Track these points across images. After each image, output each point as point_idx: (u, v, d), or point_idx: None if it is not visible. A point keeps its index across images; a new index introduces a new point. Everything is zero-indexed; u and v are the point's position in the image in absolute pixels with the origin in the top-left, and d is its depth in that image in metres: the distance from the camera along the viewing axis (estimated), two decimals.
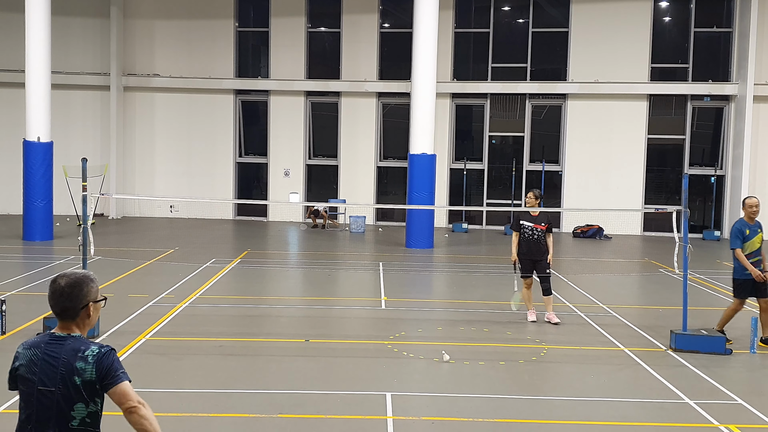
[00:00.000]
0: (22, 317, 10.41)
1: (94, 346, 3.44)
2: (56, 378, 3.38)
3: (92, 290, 3.53)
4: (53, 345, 3.45)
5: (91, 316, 3.53)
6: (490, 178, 24.54)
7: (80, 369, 3.37)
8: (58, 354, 3.41)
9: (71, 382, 3.37)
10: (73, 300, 3.46)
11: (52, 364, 3.40)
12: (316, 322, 11.06)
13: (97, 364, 3.38)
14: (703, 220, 23.79)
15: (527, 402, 7.68)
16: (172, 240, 19.67)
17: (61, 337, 3.47)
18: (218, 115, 25.15)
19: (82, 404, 3.39)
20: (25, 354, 3.54)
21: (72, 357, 3.39)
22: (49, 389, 3.39)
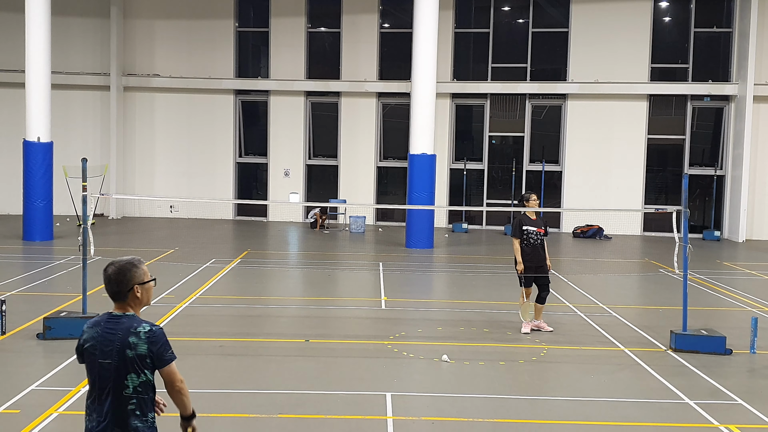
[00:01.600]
0: (22, 317, 10.41)
1: (145, 324, 3.94)
2: (113, 352, 3.89)
3: (136, 274, 3.99)
4: (111, 323, 3.96)
5: (140, 296, 4.00)
6: (490, 178, 24.54)
7: (133, 344, 3.88)
8: (114, 331, 3.92)
9: (125, 355, 3.86)
10: (120, 285, 3.95)
11: (109, 339, 3.91)
12: (316, 322, 11.06)
13: (149, 342, 3.91)
14: (703, 220, 23.79)
15: (527, 402, 7.67)
16: (172, 240, 19.67)
17: (117, 316, 3.97)
18: (218, 115, 25.15)
19: (134, 374, 3.90)
20: (88, 332, 4.01)
21: (126, 333, 3.89)
22: (107, 361, 3.90)
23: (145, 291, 4.03)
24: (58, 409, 7.04)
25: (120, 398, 3.89)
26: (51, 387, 7.71)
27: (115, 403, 3.90)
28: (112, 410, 3.90)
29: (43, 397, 7.36)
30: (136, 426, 3.92)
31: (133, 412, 3.93)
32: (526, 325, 10.49)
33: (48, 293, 12.37)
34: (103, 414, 3.90)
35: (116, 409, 3.90)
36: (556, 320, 11.31)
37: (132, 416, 3.92)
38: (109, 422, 3.89)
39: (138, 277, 3.99)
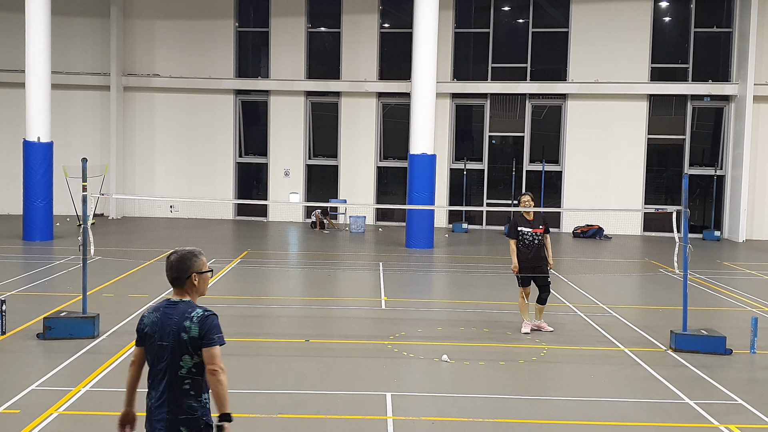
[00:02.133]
0: (22, 317, 10.41)
1: (199, 309, 4.22)
2: (170, 334, 4.18)
3: (195, 264, 4.35)
4: (169, 308, 4.26)
5: (197, 284, 4.34)
6: (490, 178, 24.54)
7: (187, 327, 4.16)
8: (172, 315, 4.22)
9: (180, 338, 4.14)
10: (180, 271, 4.30)
11: (167, 323, 4.20)
12: (316, 322, 11.06)
13: (200, 325, 4.16)
14: (703, 220, 23.79)
15: (527, 402, 7.68)
16: (172, 240, 19.66)
17: (175, 302, 4.28)
18: (218, 115, 25.15)
19: (188, 356, 4.15)
20: (148, 316, 4.31)
21: (181, 318, 4.18)
22: (165, 343, 4.18)
23: (202, 280, 4.36)
24: (58, 409, 7.04)
25: (175, 378, 4.15)
26: (51, 387, 7.71)
27: (171, 382, 4.16)
28: (168, 389, 4.15)
29: (43, 397, 7.36)
30: (190, 405, 4.17)
31: (188, 392, 4.17)
32: (526, 325, 10.47)
33: (48, 293, 12.37)
34: (160, 392, 4.17)
35: (172, 388, 4.15)
36: (556, 320, 11.31)
37: (186, 396, 4.16)
38: (165, 400, 4.15)
39: (197, 267, 4.34)
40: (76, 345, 9.16)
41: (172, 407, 4.15)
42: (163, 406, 4.16)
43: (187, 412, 4.16)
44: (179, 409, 4.15)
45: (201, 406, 4.21)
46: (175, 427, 4.14)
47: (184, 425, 4.15)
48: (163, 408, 4.16)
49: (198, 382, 4.20)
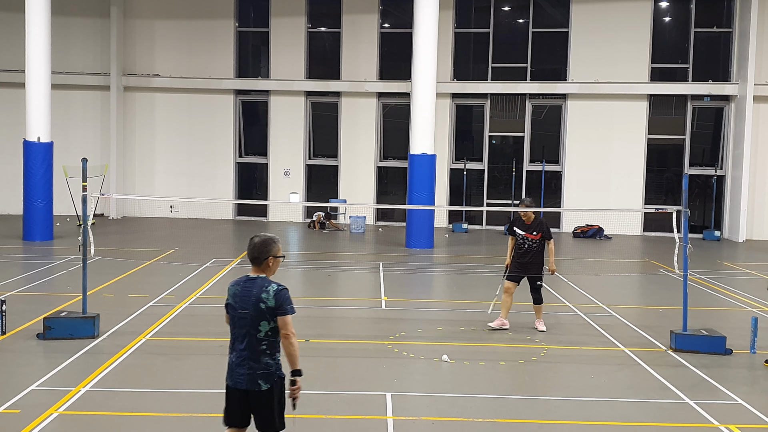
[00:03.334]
0: (22, 317, 10.41)
1: (274, 284, 5.12)
2: (250, 304, 5.07)
3: (273, 249, 5.23)
4: (249, 283, 5.18)
5: (271, 266, 5.22)
6: (490, 178, 24.54)
7: (264, 299, 5.05)
8: (251, 288, 5.13)
9: (259, 308, 5.05)
10: (261, 253, 5.20)
11: (247, 295, 5.11)
12: (316, 322, 11.05)
13: (276, 297, 5.05)
14: (703, 220, 23.79)
15: (527, 402, 7.67)
16: (172, 240, 19.67)
17: (254, 278, 5.19)
18: (218, 115, 25.15)
19: (265, 322, 5.06)
20: (231, 290, 5.24)
21: (259, 291, 5.08)
22: (245, 311, 5.08)
23: (276, 263, 5.25)
24: (58, 409, 7.04)
25: (254, 340, 5.06)
26: (51, 387, 7.71)
27: (251, 344, 5.07)
28: (248, 349, 5.07)
29: (43, 397, 7.36)
30: (267, 362, 5.08)
31: (264, 351, 5.08)
32: (498, 321, 10.54)
33: (48, 293, 12.37)
34: (241, 352, 5.09)
35: (251, 348, 5.07)
36: (556, 320, 11.32)
37: (263, 354, 5.07)
38: (246, 358, 5.07)
39: (274, 251, 5.23)
40: (76, 345, 9.16)
41: (251, 364, 5.06)
42: (244, 363, 5.08)
43: (264, 368, 5.07)
44: (258, 365, 5.06)
45: (275, 363, 5.12)
46: (254, 380, 5.06)
47: (262, 378, 5.07)
48: (244, 364, 5.08)
49: (273, 343, 5.10)
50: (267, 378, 5.09)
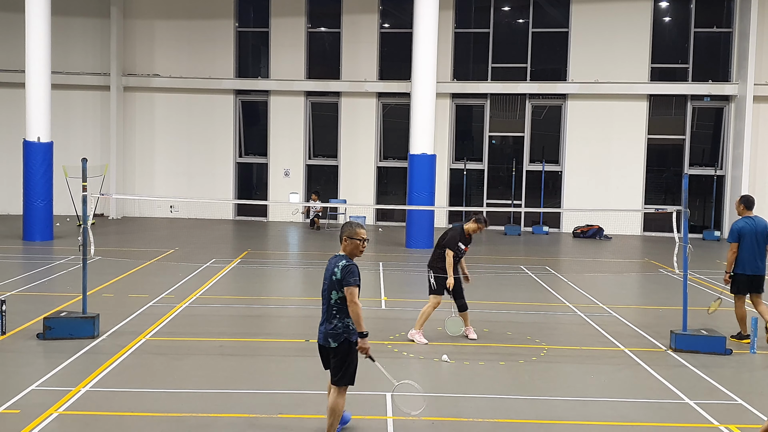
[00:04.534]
0: (22, 317, 10.40)
1: (344, 260, 6.15)
2: (328, 276, 6.22)
3: (349, 230, 6.24)
4: (332, 259, 6.27)
5: (345, 244, 6.23)
6: (490, 178, 24.54)
7: (335, 272, 6.12)
8: (331, 263, 6.24)
9: (332, 279, 6.15)
10: (341, 233, 6.28)
11: (328, 268, 6.24)
12: (316, 322, 11.00)
13: (342, 271, 6.09)
14: (703, 220, 23.79)
15: (527, 402, 7.67)
16: (172, 240, 19.66)
17: (337, 255, 6.27)
18: (218, 115, 25.15)
19: (335, 291, 6.14)
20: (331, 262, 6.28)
21: (334, 265, 6.17)
22: (326, 282, 6.24)
23: (351, 244, 6.21)
24: (58, 409, 7.04)
25: (329, 306, 6.18)
26: (51, 387, 7.71)
27: (327, 308, 6.20)
28: (326, 312, 6.21)
29: (43, 397, 7.36)
30: (336, 324, 6.16)
31: (335, 315, 6.16)
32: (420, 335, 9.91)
33: (48, 293, 12.37)
34: (323, 314, 6.25)
35: (327, 312, 6.20)
36: (556, 320, 11.33)
37: (334, 318, 6.17)
38: (324, 320, 6.23)
39: (348, 233, 6.23)
40: (76, 345, 9.16)
41: (326, 324, 6.20)
42: (323, 323, 6.22)
43: (333, 329, 6.15)
44: (330, 326, 6.17)
45: (343, 326, 6.15)
46: (326, 337, 6.19)
47: (331, 337, 6.16)
48: (323, 325, 6.22)
49: (342, 309, 6.14)
50: (335, 338, 6.15)
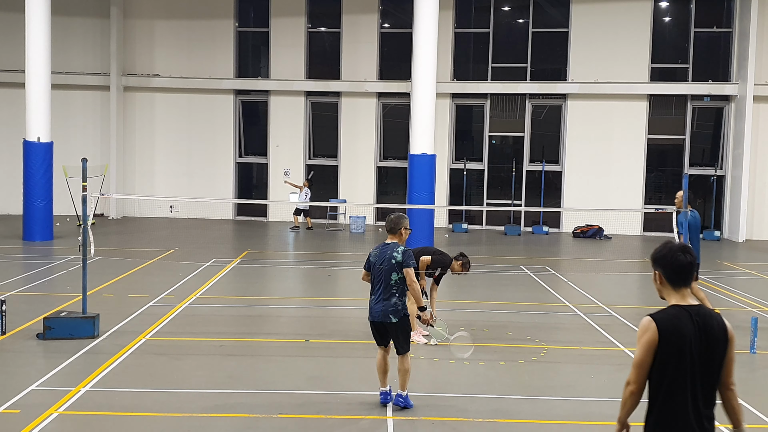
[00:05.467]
0: (22, 317, 10.41)
1: (400, 246, 7.21)
2: (385, 260, 7.14)
3: (404, 222, 7.34)
4: (385, 246, 7.25)
5: (402, 234, 7.30)
6: (490, 178, 24.54)
7: (395, 256, 7.12)
8: (386, 249, 7.22)
9: (391, 263, 7.11)
10: (397, 225, 7.31)
11: (384, 254, 7.19)
12: (316, 322, 11.05)
13: (402, 255, 7.11)
14: (703, 220, 23.77)
15: (527, 402, 7.67)
16: (172, 240, 19.66)
17: (388, 243, 7.28)
18: (218, 115, 25.15)
19: (395, 273, 7.10)
20: (374, 252, 7.30)
21: (392, 251, 7.17)
22: (383, 266, 7.15)
23: (407, 233, 7.33)
24: (58, 409, 7.04)
25: (388, 286, 7.11)
26: (51, 387, 7.71)
27: (385, 289, 7.10)
28: (383, 293, 7.12)
29: (43, 397, 7.36)
30: (395, 302, 7.09)
31: (394, 294, 7.11)
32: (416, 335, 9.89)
33: (48, 293, 12.37)
34: (378, 295, 7.15)
35: (385, 292, 7.10)
36: (557, 320, 11.33)
37: (393, 297, 7.10)
38: (381, 299, 7.12)
39: (405, 224, 7.33)
40: (76, 345, 9.16)
41: (384, 303, 7.09)
42: (380, 302, 7.11)
43: (393, 306, 7.08)
44: (389, 303, 7.07)
45: (402, 303, 7.12)
46: (385, 314, 7.07)
47: (392, 313, 7.06)
48: (380, 303, 7.10)
49: (401, 289, 7.12)
50: (396, 314, 7.05)
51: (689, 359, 3.82)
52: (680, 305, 3.90)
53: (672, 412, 3.91)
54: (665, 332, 3.82)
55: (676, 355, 3.82)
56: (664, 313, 3.90)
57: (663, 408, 3.97)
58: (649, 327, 3.85)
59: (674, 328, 3.83)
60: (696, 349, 3.82)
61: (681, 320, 3.84)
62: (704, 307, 3.94)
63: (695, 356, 3.82)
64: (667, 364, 3.84)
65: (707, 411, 3.89)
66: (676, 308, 3.89)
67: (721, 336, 3.87)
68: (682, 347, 3.81)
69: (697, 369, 3.84)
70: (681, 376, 3.85)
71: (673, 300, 3.93)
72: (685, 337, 3.81)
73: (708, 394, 3.90)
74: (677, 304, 3.91)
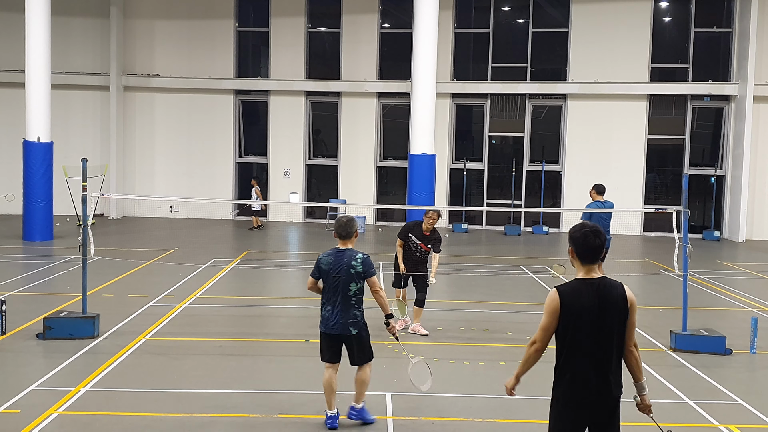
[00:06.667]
0: (22, 317, 10.41)
1: (359, 253, 6.69)
2: (343, 269, 6.62)
3: (355, 226, 6.77)
4: (340, 253, 6.72)
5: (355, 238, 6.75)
6: (490, 178, 24.54)
7: (354, 265, 6.62)
8: (342, 256, 6.68)
9: (350, 272, 6.61)
10: (350, 229, 6.73)
11: (340, 262, 6.65)
12: (316, 322, 10.99)
13: (363, 263, 6.64)
14: (703, 220, 23.78)
15: (527, 402, 7.67)
16: (172, 240, 19.67)
17: (343, 249, 6.74)
18: (218, 115, 25.15)
19: (355, 283, 6.63)
20: (325, 259, 6.73)
21: (349, 259, 6.64)
22: (338, 275, 6.62)
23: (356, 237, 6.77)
24: (58, 409, 7.04)
25: (346, 297, 6.62)
26: (51, 387, 7.71)
27: (343, 299, 6.63)
28: (341, 303, 6.63)
29: (43, 397, 7.36)
30: (355, 313, 6.67)
31: (353, 305, 6.66)
32: (400, 323, 10.30)
33: (48, 293, 12.37)
34: (335, 305, 6.65)
35: (344, 303, 6.64)
36: None
37: (353, 308, 6.66)
38: (341, 310, 6.63)
39: (356, 228, 6.77)
40: (76, 345, 9.16)
41: (343, 315, 6.63)
42: (338, 314, 6.62)
43: (353, 318, 6.65)
44: (348, 315, 6.63)
45: (361, 314, 6.72)
46: (345, 326, 6.62)
47: (351, 325, 6.63)
48: (338, 315, 6.62)
49: (359, 299, 6.68)
50: (356, 325, 6.66)
51: (589, 325, 4.46)
52: (584, 279, 4.59)
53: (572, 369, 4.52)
54: (566, 301, 4.49)
55: (576, 321, 4.46)
56: (568, 286, 4.57)
57: (565, 366, 4.55)
58: (554, 297, 4.53)
59: (574, 298, 4.49)
60: (595, 316, 4.46)
61: (582, 292, 4.51)
62: (608, 279, 4.61)
63: (595, 322, 4.46)
64: (568, 328, 4.48)
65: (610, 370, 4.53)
66: (579, 281, 4.58)
67: (621, 303, 4.57)
68: (581, 314, 4.45)
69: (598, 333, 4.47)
70: (580, 339, 4.47)
71: (581, 274, 4.64)
72: (584, 306, 4.46)
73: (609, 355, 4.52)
74: (581, 278, 4.60)
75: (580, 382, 4.51)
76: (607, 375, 4.54)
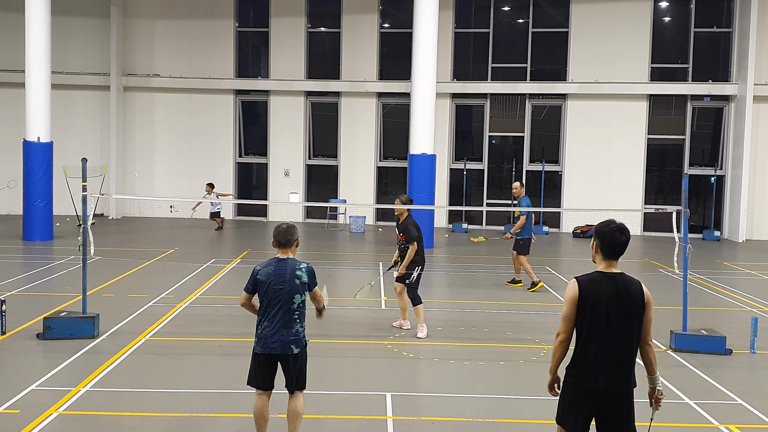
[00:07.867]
0: (22, 317, 10.41)
1: (302, 263, 6.04)
2: (285, 280, 5.93)
3: (296, 234, 6.12)
4: (281, 263, 6.03)
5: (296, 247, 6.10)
6: (490, 178, 24.54)
7: (299, 275, 5.97)
8: (284, 266, 6.00)
9: (294, 283, 5.94)
10: (290, 237, 6.07)
11: (281, 273, 5.96)
12: (316, 322, 11.02)
13: (308, 273, 6.02)
14: (703, 220, 23.78)
15: (527, 402, 7.67)
16: (172, 240, 19.67)
17: (284, 259, 6.07)
18: (218, 115, 25.15)
19: (299, 295, 5.98)
20: (262, 270, 6.03)
21: (292, 269, 5.98)
22: (280, 287, 5.92)
23: (297, 245, 6.13)
24: (58, 409, 7.04)
25: (289, 311, 5.94)
26: (51, 387, 7.71)
27: (285, 314, 5.93)
28: (282, 318, 5.93)
29: (43, 397, 7.36)
30: (297, 329, 6.01)
31: (296, 320, 5.99)
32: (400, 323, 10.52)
33: (48, 293, 12.37)
34: (275, 322, 5.93)
35: (285, 318, 5.93)
36: (557, 320, 11.29)
37: (295, 323, 6.00)
38: (279, 327, 5.93)
39: (297, 236, 6.13)
40: (76, 345, 9.16)
41: (284, 331, 5.93)
42: (278, 331, 5.92)
43: (295, 335, 5.98)
44: (290, 332, 5.95)
45: (303, 329, 6.09)
46: (286, 345, 5.95)
47: (293, 343, 5.98)
48: (278, 332, 5.92)
49: (302, 313, 6.05)
50: (298, 343, 6.02)
51: (605, 316, 4.63)
52: (604, 272, 4.75)
53: (587, 358, 4.70)
54: (584, 291, 4.68)
55: (593, 310, 4.64)
56: (587, 276, 4.76)
57: (580, 355, 4.74)
58: (573, 286, 4.74)
59: (593, 288, 4.67)
60: (612, 307, 4.64)
61: (600, 283, 4.69)
62: (626, 275, 4.76)
63: (611, 313, 4.63)
64: (585, 317, 4.66)
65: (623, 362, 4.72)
66: (599, 274, 4.76)
67: (638, 299, 4.70)
68: (598, 304, 4.64)
69: (614, 324, 4.64)
70: (597, 329, 4.65)
71: (601, 267, 4.79)
72: (601, 296, 4.65)
73: (623, 348, 4.70)
74: (601, 271, 4.76)
75: (592, 370, 4.69)
76: (620, 366, 4.73)
